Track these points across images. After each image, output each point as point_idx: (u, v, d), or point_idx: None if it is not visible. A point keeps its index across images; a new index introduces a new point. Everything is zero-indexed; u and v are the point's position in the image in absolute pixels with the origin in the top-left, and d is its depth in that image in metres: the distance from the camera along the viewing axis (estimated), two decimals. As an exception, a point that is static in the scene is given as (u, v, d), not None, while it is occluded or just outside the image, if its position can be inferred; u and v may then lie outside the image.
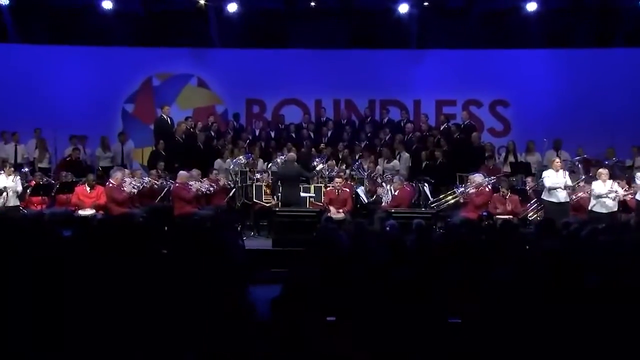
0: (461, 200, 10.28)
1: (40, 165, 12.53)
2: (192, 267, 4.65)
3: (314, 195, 10.66)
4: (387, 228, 7.39)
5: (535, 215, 10.21)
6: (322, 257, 5.18)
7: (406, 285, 4.16)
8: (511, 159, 12.50)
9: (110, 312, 3.69)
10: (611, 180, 9.68)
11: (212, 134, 13.14)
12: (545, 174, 10.01)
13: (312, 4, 13.90)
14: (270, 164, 11.92)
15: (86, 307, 3.70)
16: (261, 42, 14.37)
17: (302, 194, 10.53)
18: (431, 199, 10.65)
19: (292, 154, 10.96)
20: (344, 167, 11.96)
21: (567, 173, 10.05)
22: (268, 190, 10.91)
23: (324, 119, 13.99)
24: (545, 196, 9.86)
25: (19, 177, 10.22)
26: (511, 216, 9.76)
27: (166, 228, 7.32)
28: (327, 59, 14.27)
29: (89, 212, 9.85)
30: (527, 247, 6.18)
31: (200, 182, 10.75)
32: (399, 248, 5.60)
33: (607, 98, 13.68)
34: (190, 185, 10.42)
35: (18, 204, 9.99)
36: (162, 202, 10.90)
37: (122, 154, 13.06)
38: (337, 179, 10.59)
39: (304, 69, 14.23)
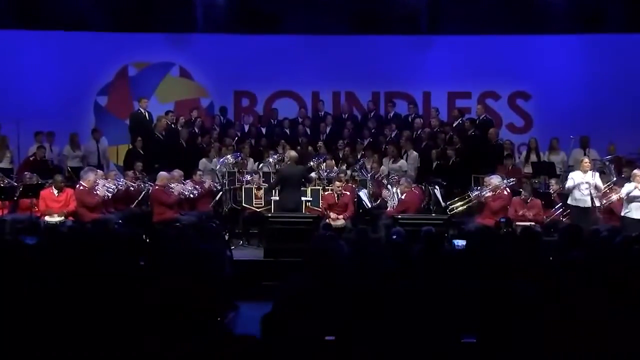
0: (476, 205, 10.30)
1: (0, 165, 12.51)
2: (173, 280, 4.66)
3: (311, 199, 10.67)
4: (393, 236, 7.41)
5: (560, 221, 10.24)
6: (319, 269, 5.19)
7: (414, 300, 4.18)
8: (533, 158, 12.52)
9: (80, 324, 3.72)
10: (648, 183, 9.66)
11: (196, 130, 13.15)
12: (571, 175, 10.01)
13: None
14: (261, 164, 11.93)
15: (53, 320, 3.74)
16: (251, 26, 14.37)
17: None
18: (443, 204, 10.67)
19: (294, 153, 10.77)
20: (344, 167, 11.97)
21: (596, 174, 10.02)
22: (259, 194, 10.91)
23: (322, 113, 14.01)
24: (571, 200, 9.87)
25: (-24, 179, 10.22)
26: (533, 223, 9.79)
27: (144, 236, 7.32)
28: (325, 46, 14.29)
29: (56, 218, 9.86)
30: (551, 257, 6.20)
31: (183, 184, 10.77)
32: (406, 258, 5.61)
33: (642, 89, 13.72)
34: (172, 188, 10.42)
35: (-24, 209, 10.01)
36: (139, 207, 10.92)
37: (98, 152, 13.01)
38: (336, 181, 10.60)
39: (299, 58, 14.25)
